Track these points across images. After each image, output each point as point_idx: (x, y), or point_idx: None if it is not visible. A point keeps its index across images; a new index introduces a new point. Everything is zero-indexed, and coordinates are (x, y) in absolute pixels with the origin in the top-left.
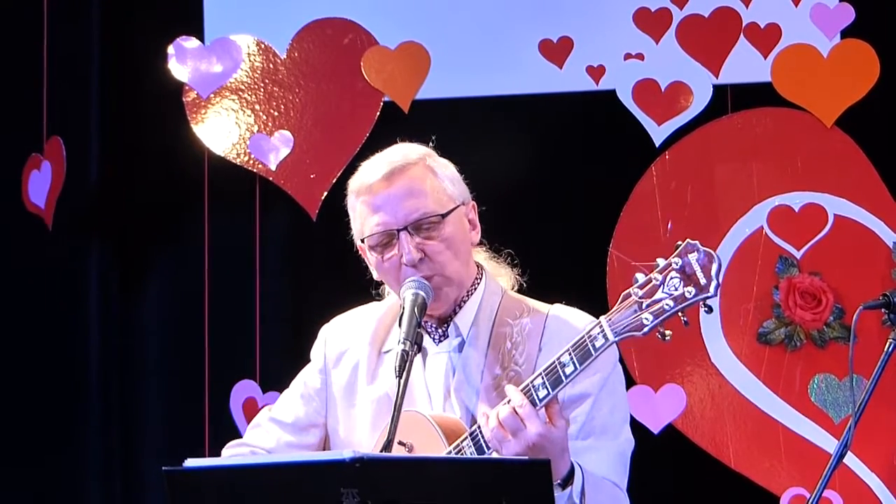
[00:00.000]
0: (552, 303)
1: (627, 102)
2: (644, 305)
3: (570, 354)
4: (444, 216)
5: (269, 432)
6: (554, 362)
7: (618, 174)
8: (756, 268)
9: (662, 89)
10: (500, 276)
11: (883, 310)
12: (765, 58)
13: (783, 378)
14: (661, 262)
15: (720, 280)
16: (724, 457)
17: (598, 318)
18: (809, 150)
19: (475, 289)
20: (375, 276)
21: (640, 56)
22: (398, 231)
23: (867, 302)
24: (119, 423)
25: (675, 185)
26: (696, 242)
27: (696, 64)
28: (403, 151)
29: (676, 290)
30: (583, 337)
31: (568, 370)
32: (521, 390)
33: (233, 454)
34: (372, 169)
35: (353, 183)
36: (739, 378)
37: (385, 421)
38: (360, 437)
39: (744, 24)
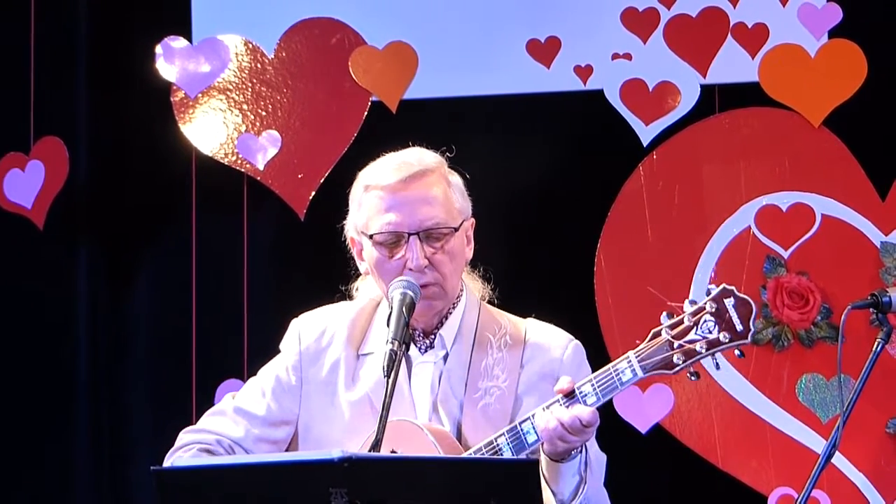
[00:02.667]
0: (523, 309)
1: (615, 102)
2: (676, 346)
3: (593, 386)
4: (454, 229)
5: (237, 423)
6: (578, 392)
7: (605, 174)
8: (744, 268)
9: (650, 89)
10: (475, 289)
11: (871, 310)
12: (752, 58)
13: (770, 378)
14: (689, 304)
15: (755, 328)
16: (711, 457)
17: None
18: (797, 151)
19: (458, 301)
20: (364, 269)
21: (627, 56)
22: (409, 234)
23: (855, 302)
24: (107, 420)
25: (662, 185)
26: (733, 288)
27: (684, 64)
28: (420, 156)
29: (710, 333)
30: (609, 370)
31: (590, 401)
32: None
33: (188, 443)
34: (389, 167)
35: (367, 177)
36: (727, 378)
37: (363, 425)
38: (337, 438)
39: (731, 24)
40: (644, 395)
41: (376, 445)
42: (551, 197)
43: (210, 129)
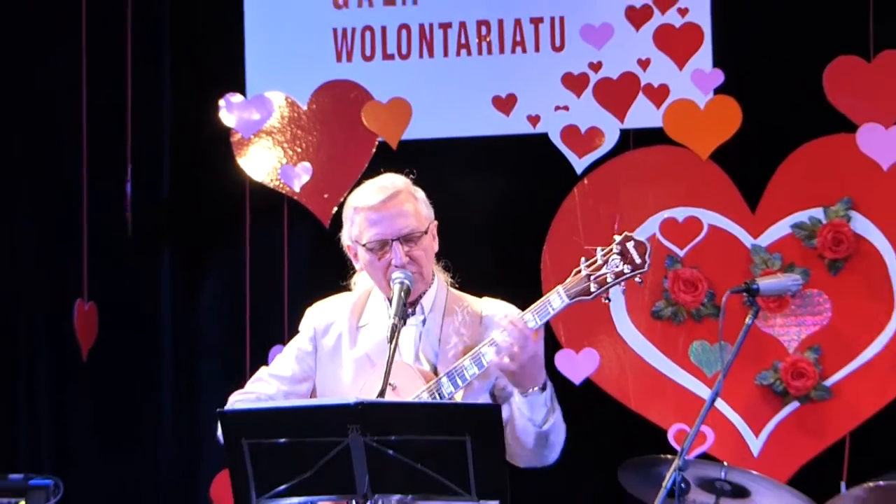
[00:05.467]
0: (488, 296)
1: (556, 142)
2: (591, 277)
3: (532, 314)
4: (424, 232)
5: (270, 384)
6: (523, 316)
7: (549, 195)
8: (650, 263)
9: (582, 132)
10: (444, 279)
11: (744, 294)
12: (658, 109)
13: (670, 344)
14: (601, 249)
15: (650, 260)
16: (626, 401)
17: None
18: (690, 177)
19: (432, 283)
20: (359, 268)
21: (566, 108)
22: (391, 240)
23: (732, 288)
24: (185, 380)
25: (592, 203)
26: (633, 234)
27: (608, 113)
28: (391, 180)
29: (617, 267)
30: (543, 300)
31: (530, 325)
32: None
33: (239, 399)
34: (370, 191)
35: (354, 199)
36: (638, 344)
37: (363, 377)
38: (343, 389)
39: (642, 84)
40: (577, 357)
41: (382, 393)
42: (508, 211)
43: (259, 162)
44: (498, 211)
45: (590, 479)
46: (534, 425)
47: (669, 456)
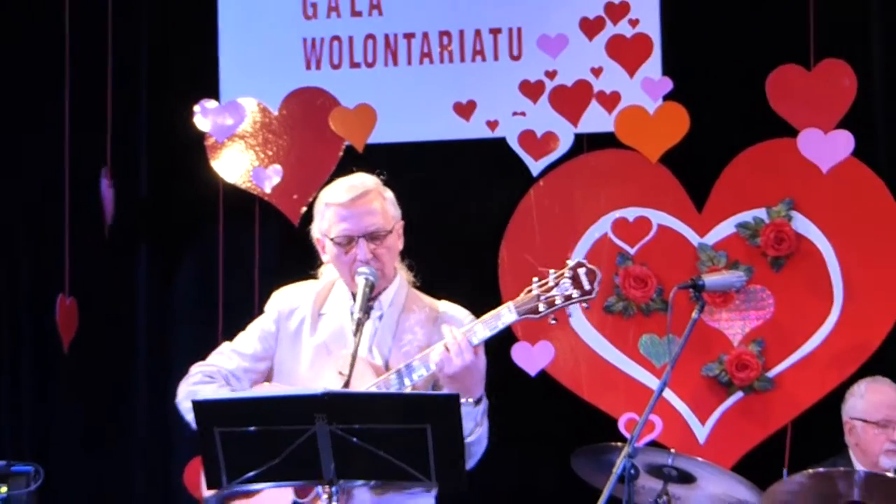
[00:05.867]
0: (449, 291)
1: (514, 146)
2: (541, 297)
3: (482, 325)
4: (390, 231)
5: (231, 358)
6: (472, 327)
7: (507, 195)
8: (602, 261)
9: (538, 136)
10: (405, 277)
11: (690, 290)
12: (609, 114)
13: (621, 337)
14: (553, 271)
15: (598, 288)
16: (579, 391)
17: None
18: (640, 179)
19: (394, 280)
20: (327, 261)
21: (522, 113)
22: (358, 237)
23: (679, 284)
24: (160, 373)
25: (547, 204)
26: (585, 261)
27: (562, 119)
28: (362, 179)
29: (567, 290)
30: (493, 313)
31: (479, 335)
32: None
33: (198, 370)
34: (341, 188)
35: (326, 195)
36: (591, 337)
37: (321, 364)
38: (301, 372)
39: (595, 91)
40: (533, 349)
41: (346, 384)
42: (469, 210)
43: (232, 165)
44: (458, 211)
45: (544, 465)
46: None
47: (620, 443)
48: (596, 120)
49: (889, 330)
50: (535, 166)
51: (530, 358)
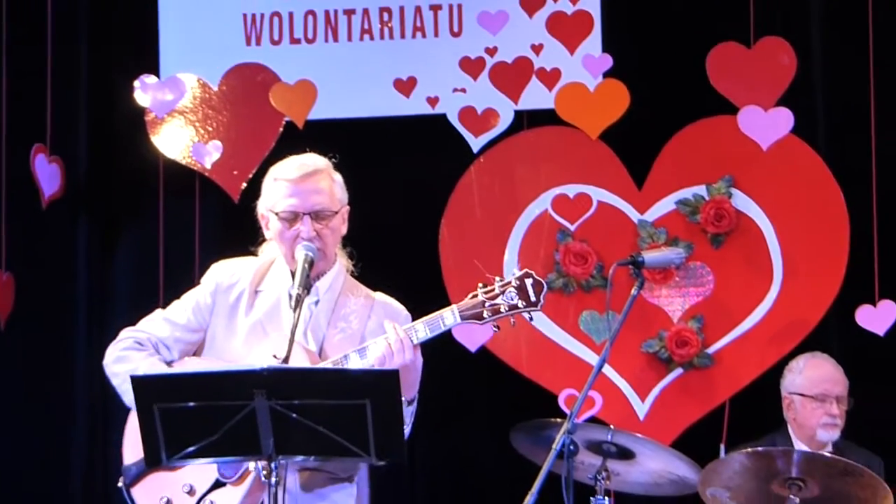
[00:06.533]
0: (389, 268)
1: (454, 122)
2: (486, 304)
3: (424, 325)
4: (335, 212)
5: (163, 327)
6: (413, 326)
7: (448, 171)
8: (542, 237)
9: (479, 113)
10: (345, 264)
11: (630, 266)
12: (550, 91)
13: (561, 313)
14: (499, 280)
15: (544, 300)
16: (520, 367)
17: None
18: (580, 156)
19: (333, 265)
20: (269, 236)
21: (463, 90)
22: (303, 214)
23: (619, 261)
24: (100, 348)
25: (487, 180)
26: (532, 272)
27: (502, 95)
28: (314, 159)
29: (512, 300)
30: (437, 315)
31: (420, 335)
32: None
33: (128, 335)
34: (292, 165)
35: (276, 171)
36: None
37: (255, 342)
38: (234, 348)
39: (535, 68)
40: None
41: (286, 360)
42: (408, 186)
43: (172, 140)
44: (398, 187)
45: (484, 441)
46: None
47: (559, 420)
48: (536, 97)
49: (828, 306)
50: (476, 143)
51: (471, 334)
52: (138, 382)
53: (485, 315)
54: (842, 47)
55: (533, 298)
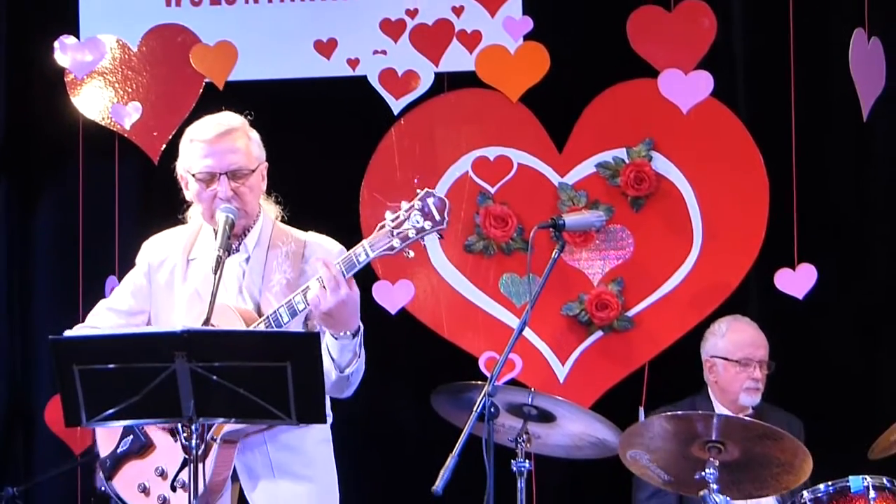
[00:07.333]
0: (310, 229)
1: (375, 84)
2: (394, 233)
3: (339, 265)
4: (252, 170)
5: (108, 317)
6: (334, 264)
7: (368, 133)
8: (463, 200)
9: (399, 75)
10: (270, 210)
11: (550, 229)
12: (470, 53)
13: (481, 276)
14: (406, 204)
15: (448, 217)
16: (440, 330)
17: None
18: (500, 118)
19: (257, 220)
20: (189, 197)
21: (384, 52)
22: (220, 174)
23: (540, 223)
24: (20, 311)
25: (408, 143)
26: (434, 191)
27: (423, 58)
28: (229, 118)
29: (418, 223)
30: (350, 253)
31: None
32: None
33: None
34: (207, 125)
35: (192, 132)
36: (451, 276)
37: (195, 311)
38: (175, 320)
39: (456, 31)
40: (393, 287)
41: (206, 322)
42: (329, 148)
43: (92, 101)
44: (318, 150)
45: (404, 404)
46: (337, 369)
47: (480, 382)
48: (457, 59)
49: (747, 270)
50: (396, 105)
51: (390, 296)
52: (57, 343)
53: (395, 245)
54: (762, 10)
55: (437, 217)
